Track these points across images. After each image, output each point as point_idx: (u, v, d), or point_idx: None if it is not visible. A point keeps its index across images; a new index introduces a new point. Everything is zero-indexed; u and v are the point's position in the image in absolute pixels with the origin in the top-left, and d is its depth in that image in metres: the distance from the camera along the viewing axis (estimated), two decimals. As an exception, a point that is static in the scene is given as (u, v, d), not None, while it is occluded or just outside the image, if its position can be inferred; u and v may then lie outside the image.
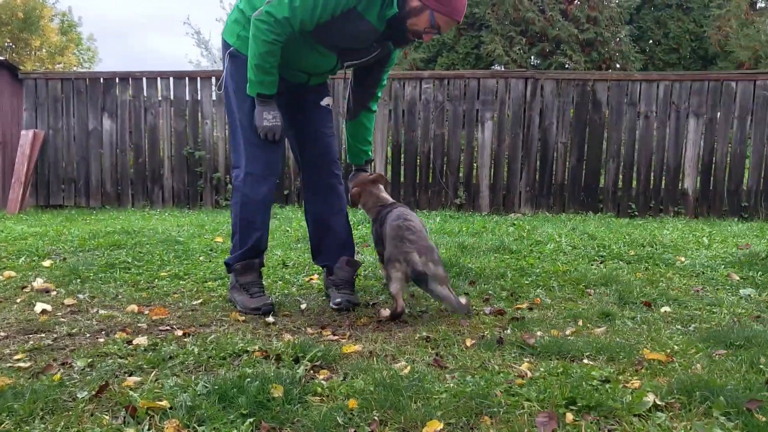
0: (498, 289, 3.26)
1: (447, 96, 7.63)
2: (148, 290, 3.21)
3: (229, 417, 1.63)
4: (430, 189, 7.70)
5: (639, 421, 1.66)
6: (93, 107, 8.11)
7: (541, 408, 1.72)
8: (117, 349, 2.23)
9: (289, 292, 3.23)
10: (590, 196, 7.49)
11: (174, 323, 2.64)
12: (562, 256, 4.16)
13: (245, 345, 2.27)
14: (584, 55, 11.90)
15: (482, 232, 5.14)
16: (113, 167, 8.14)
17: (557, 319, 2.76)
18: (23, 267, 3.72)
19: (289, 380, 1.87)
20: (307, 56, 2.90)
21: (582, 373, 1.99)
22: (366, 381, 1.90)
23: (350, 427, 1.61)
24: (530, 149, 7.55)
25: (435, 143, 7.66)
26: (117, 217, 6.68)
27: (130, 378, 1.94)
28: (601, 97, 7.44)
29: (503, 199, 7.62)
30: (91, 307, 2.88)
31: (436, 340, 2.42)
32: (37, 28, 25.42)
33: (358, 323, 2.70)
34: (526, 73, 7.68)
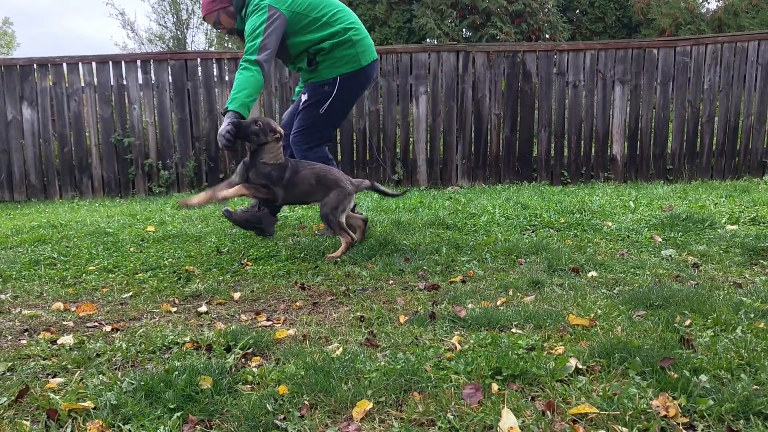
0: (432, 264, 3.30)
1: (380, 71, 7.60)
2: (75, 286, 3.11)
3: (156, 413, 1.61)
4: (368, 166, 7.70)
5: (561, 386, 1.72)
6: (11, 96, 7.73)
7: (469, 380, 1.76)
8: (40, 350, 2.16)
9: (224, 279, 3.18)
10: (524, 165, 7.64)
11: (102, 319, 2.57)
12: (495, 227, 4.24)
13: (176, 337, 2.24)
14: (514, 27, 12.03)
15: (419, 207, 5.18)
16: (37, 158, 7.80)
17: (489, 290, 2.81)
18: (-60, 269, 3.54)
19: (219, 370, 1.85)
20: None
21: (509, 343, 2.04)
22: (297, 365, 1.90)
23: (280, 413, 1.61)
24: (465, 122, 7.62)
25: (370, 120, 7.64)
26: (43, 210, 6.42)
27: (54, 380, 1.88)
28: (530, 68, 7.56)
29: (441, 172, 7.69)
30: (13, 308, 2.77)
31: (370, 319, 2.44)
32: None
33: (293, 307, 2.69)
34: (457, 46, 7.71)
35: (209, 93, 7.69)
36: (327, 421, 1.58)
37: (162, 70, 7.68)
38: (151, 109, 7.72)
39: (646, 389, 1.66)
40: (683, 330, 2.13)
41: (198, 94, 7.70)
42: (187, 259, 3.58)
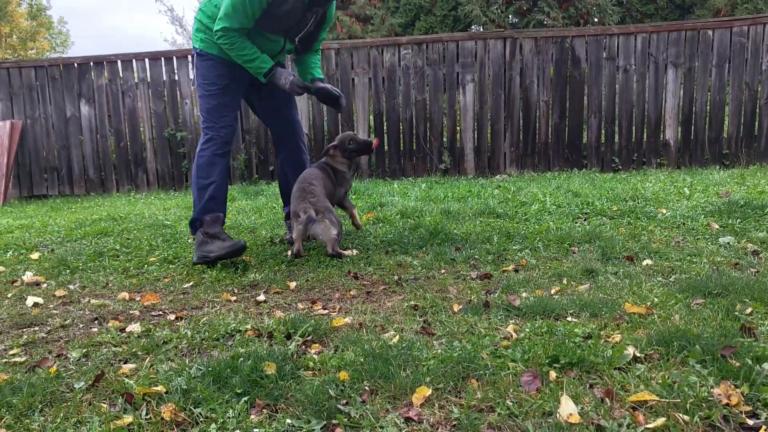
0: (484, 253, 3.31)
1: (426, 61, 7.60)
2: (138, 276, 3.24)
3: (224, 397, 1.68)
4: (414, 156, 7.71)
5: (619, 374, 1.72)
6: (69, 94, 8.01)
7: (526, 368, 1.78)
8: (111, 337, 2.26)
9: (279, 269, 3.26)
10: (574, 152, 7.54)
11: (166, 308, 2.67)
12: (546, 215, 4.22)
13: (237, 325, 2.31)
14: (562, 11, 11.81)
15: (468, 196, 5.18)
16: (95, 153, 8.08)
17: (542, 279, 2.81)
18: (11, 261, 3.73)
19: (282, 357, 1.91)
20: (259, 44, 3.48)
21: (565, 331, 2.05)
22: (356, 352, 1.94)
23: (342, 398, 1.66)
24: (512, 109, 7.55)
25: (417, 109, 7.65)
26: (102, 203, 6.66)
27: (126, 365, 1.97)
28: (579, 53, 7.43)
29: (488, 161, 7.65)
30: (82, 297, 2.90)
31: (423, 307, 2.47)
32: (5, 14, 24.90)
33: (347, 296, 2.75)
34: (504, 33, 7.64)
35: (258, 86, 7.80)
36: (387, 407, 1.63)
37: (212, 64, 7.83)
38: (203, 104, 7.89)
39: (706, 377, 1.65)
40: (744, 318, 2.10)
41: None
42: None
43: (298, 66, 3.87)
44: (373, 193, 5.68)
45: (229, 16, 3.32)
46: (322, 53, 7.68)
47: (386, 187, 6.27)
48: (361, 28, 12.90)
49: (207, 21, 3.52)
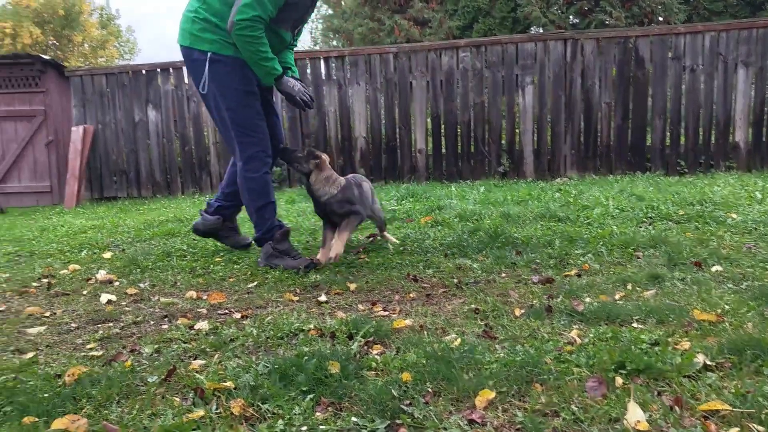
0: (545, 257, 3.28)
1: (485, 63, 7.56)
2: (204, 276, 3.34)
3: (290, 394, 1.72)
4: (472, 158, 7.67)
5: (689, 382, 1.68)
6: (137, 99, 8.32)
7: (591, 373, 1.76)
8: (180, 334, 2.35)
9: (339, 270, 3.30)
10: (638, 155, 7.35)
11: (232, 306, 2.75)
12: (610, 219, 4.13)
13: (301, 324, 2.36)
14: (625, 11, 11.54)
15: (528, 199, 5.13)
16: (161, 157, 8.36)
17: (606, 284, 2.76)
18: (86, 260, 3.90)
19: (345, 356, 1.94)
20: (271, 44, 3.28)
21: (631, 337, 2.01)
22: (418, 354, 1.96)
23: (405, 399, 1.67)
24: (573, 111, 7.43)
25: (475, 112, 7.61)
26: (168, 205, 6.89)
27: (195, 361, 2.04)
28: (643, 53, 7.26)
29: (548, 164, 7.54)
30: (152, 296, 3.02)
31: (485, 311, 2.46)
32: (78, 24, 26.03)
33: (407, 298, 2.76)
34: (565, 34, 7.53)
35: (318, 91, 7.92)
36: (450, 408, 1.63)
37: (273, 70, 8.00)
38: (264, 108, 8.06)
39: (783, 388, 1.59)
40: (823, 328, 2.01)
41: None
42: (305, 252, 3.74)
43: None
44: (430, 196, 5.69)
45: (261, 2, 3.08)
46: (380, 57, 7.75)
47: (443, 189, 6.26)
48: (418, 32, 12.92)
49: (216, 19, 3.23)
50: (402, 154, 7.85)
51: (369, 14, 14.45)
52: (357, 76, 7.85)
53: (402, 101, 7.78)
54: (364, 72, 7.84)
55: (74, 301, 2.99)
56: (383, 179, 7.85)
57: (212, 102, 3.37)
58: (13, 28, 23.87)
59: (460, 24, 12.86)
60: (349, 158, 7.92)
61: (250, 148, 3.38)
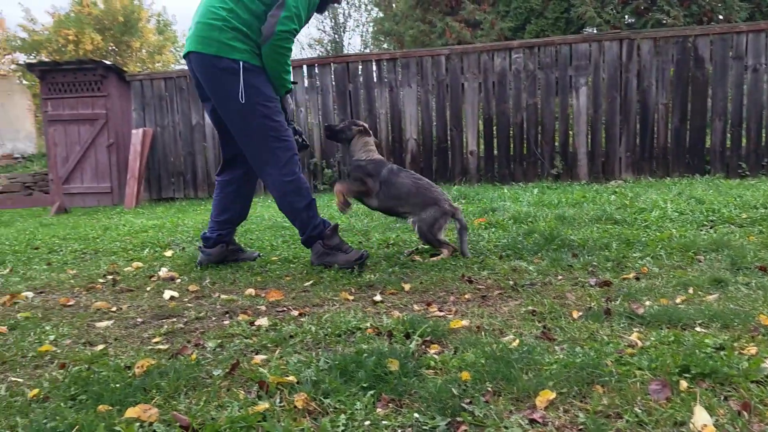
0: (602, 260, 3.23)
1: (538, 64, 7.49)
2: (262, 274, 3.42)
3: (351, 390, 1.75)
4: (524, 160, 7.61)
5: (757, 388, 1.64)
6: (194, 103, 8.55)
7: (654, 376, 1.73)
8: (241, 330, 2.41)
9: (393, 271, 3.33)
10: (696, 157, 7.17)
11: (289, 304, 2.81)
12: (668, 222, 4.04)
13: (358, 323, 2.39)
14: (683, 9, 11.23)
15: (582, 202, 5.06)
16: (216, 159, 8.56)
17: (666, 288, 2.71)
18: (148, 257, 4.04)
19: (404, 354, 1.96)
20: None
21: (695, 341, 1.97)
22: (476, 354, 1.96)
23: (465, 397, 1.68)
24: (629, 113, 7.29)
25: (528, 113, 7.55)
26: (224, 206, 7.04)
27: (257, 356, 2.10)
28: (703, 53, 7.07)
29: (602, 166, 7.42)
30: (213, 293, 3.10)
31: (542, 313, 2.45)
32: (137, 30, 26.85)
33: (462, 299, 2.77)
34: (620, 34, 7.40)
35: (369, 94, 7.99)
36: (511, 408, 1.63)
37: (325, 73, 8.11)
38: (316, 111, 8.19)
39: None
40: None
41: (358, 96, 8.03)
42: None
43: None
44: (483, 198, 5.67)
45: (299, 16, 3.17)
46: (432, 59, 7.76)
47: (496, 191, 6.23)
48: (470, 34, 12.87)
49: (245, 29, 3.24)
50: (453, 156, 7.84)
51: (420, 17, 14.46)
52: (408, 78, 7.88)
53: (453, 103, 7.77)
54: (415, 74, 7.86)
55: (139, 297, 3.10)
56: (433, 181, 7.84)
57: (245, 112, 3.30)
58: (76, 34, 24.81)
59: (512, 25, 12.75)
60: (400, 160, 7.96)
61: (284, 153, 3.37)
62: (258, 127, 3.32)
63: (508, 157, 7.67)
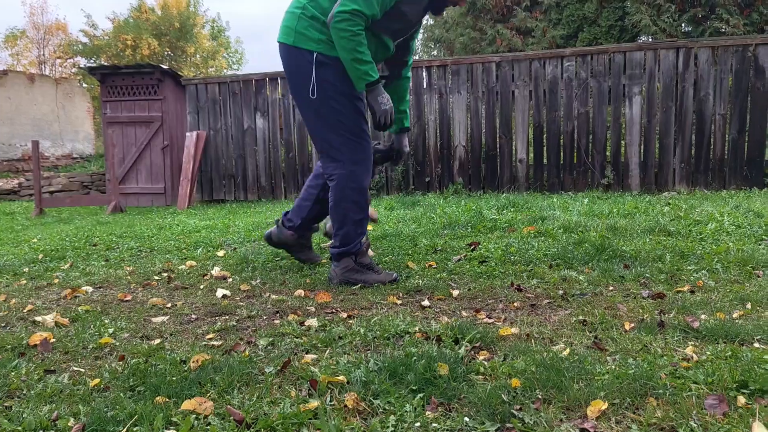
0: (655, 272, 3.17)
1: (591, 72, 7.39)
2: (311, 276, 3.47)
3: (400, 392, 1.76)
4: (575, 170, 7.51)
5: (821, 407, 1.59)
6: (247, 107, 8.72)
7: (710, 391, 1.70)
8: (292, 329, 2.45)
9: (440, 277, 3.33)
10: (754, 170, 6.95)
11: (338, 306, 2.84)
12: (725, 236, 3.93)
13: (406, 327, 2.41)
14: (743, 18, 10.92)
15: (634, 212, 4.96)
16: (267, 162, 8.72)
17: (722, 302, 2.64)
18: (201, 257, 4.14)
19: (453, 359, 1.97)
20: (374, 48, 3.10)
21: (753, 357, 1.91)
22: (526, 362, 1.95)
23: (515, 404, 1.68)
24: (684, 123, 7.13)
25: (579, 122, 7.45)
26: (272, 209, 7.17)
27: (308, 355, 2.14)
28: (764, 63, 6.87)
29: (655, 177, 7.27)
30: (263, 292, 3.16)
31: (593, 323, 2.42)
32: (192, 36, 27.55)
33: (511, 307, 2.76)
34: (677, 43, 7.24)
35: (418, 99, 8.01)
36: (561, 416, 1.62)
37: (376, 79, 8.16)
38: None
39: None
40: None
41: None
42: (406, 257, 3.80)
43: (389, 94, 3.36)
44: (531, 206, 5.61)
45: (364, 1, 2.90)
46: (482, 66, 7.72)
47: (545, 200, 6.16)
48: (521, 41, 12.79)
49: (324, 17, 3.03)
50: (502, 164, 7.79)
51: (471, 24, 14.44)
52: (458, 85, 7.87)
53: (503, 110, 7.73)
54: (465, 81, 7.85)
55: (192, 295, 3.18)
56: (482, 188, 7.81)
57: (316, 107, 3.13)
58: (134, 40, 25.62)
59: (564, 33, 12.62)
60: (448, 166, 7.95)
61: (357, 154, 3.18)
62: (328, 126, 3.14)
63: (557, 166, 7.58)
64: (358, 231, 3.27)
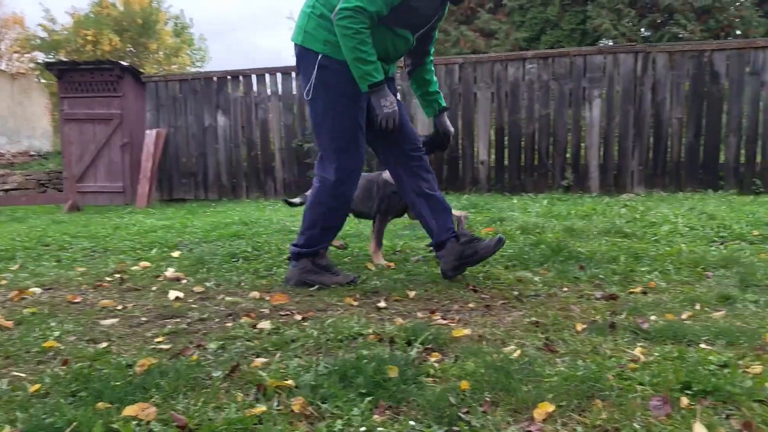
0: (610, 273, 3.21)
1: (552, 75, 7.48)
2: (267, 278, 3.42)
3: (349, 395, 1.74)
4: (535, 171, 7.59)
5: (760, 407, 1.62)
6: (208, 105, 8.61)
7: (655, 392, 1.71)
8: (244, 332, 2.41)
9: (398, 278, 3.32)
10: (709, 173, 7.12)
11: (293, 308, 2.81)
12: (678, 237, 4.01)
13: (360, 328, 2.39)
14: (700, 24, 11.18)
15: (592, 214, 5.03)
16: (228, 161, 8.62)
17: (673, 303, 2.68)
18: (156, 257, 4.06)
19: (404, 362, 1.95)
20: (388, 42, 3.00)
21: (698, 358, 1.94)
22: (477, 364, 1.95)
23: (463, 406, 1.67)
24: (642, 126, 7.26)
25: (540, 124, 7.53)
26: (234, 208, 7.08)
27: (258, 359, 2.10)
28: (719, 68, 7.03)
29: (614, 179, 7.39)
30: (217, 294, 3.11)
31: (545, 325, 2.43)
32: (154, 32, 27.08)
33: (466, 308, 2.76)
34: (635, 47, 7.37)
35: (382, 100, 8.00)
36: (509, 419, 1.62)
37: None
38: (329, 116, 8.21)
39: None
40: None
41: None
42: (365, 258, 3.78)
43: (415, 85, 3.43)
44: (492, 208, 5.65)
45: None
46: (445, 68, 7.75)
47: (505, 202, 6.21)
48: (484, 43, 12.87)
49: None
50: (464, 165, 7.83)
51: (435, 25, 14.45)
52: (422, 87, 7.87)
53: (465, 112, 7.77)
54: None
55: (144, 297, 3.11)
56: (444, 190, 7.83)
57: (316, 108, 3.08)
58: (95, 35, 25.07)
59: (527, 36, 12.74)
60: (411, 168, 7.95)
61: (346, 162, 3.09)
62: (325, 129, 3.07)
63: (518, 168, 7.65)
64: (324, 238, 3.23)
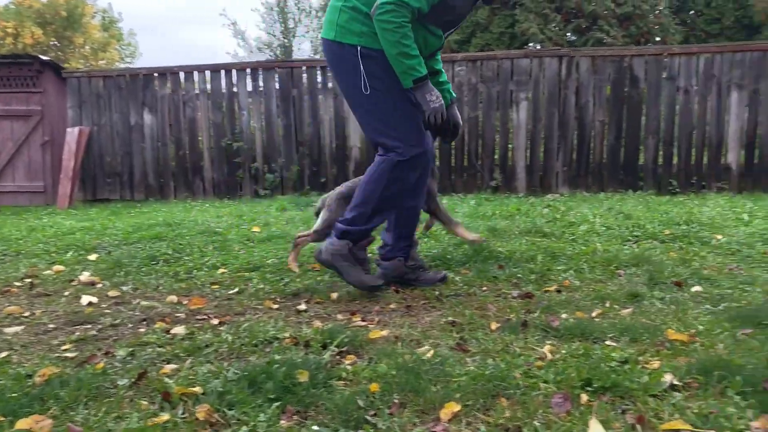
0: (527, 272, 3.29)
1: (480, 78, 7.60)
2: (187, 281, 3.34)
3: (257, 401, 1.72)
4: (465, 172, 7.70)
5: (654, 401, 1.69)
6: (134, 102, 8.34)
7: (558, 389, 1.76)
8: (156, 338, 2.35)
9: (322, 280, 3.31)
10: (630, 174, 7.39)
11: (210, 312, 2.75)
12: (595, 237, 4.15)
13: (276, 332, 2.36)
14: (622, 30, 11.63)
15: (516, 214, 5.15)
16: (155, 160, 8.37)
17: (585, 301, 2.77)
18: (71, 261, 3.91)
19: (315, 366, 1.95)
20: (420, 39, 2.89)
21: (602, 355, 2.01)
22: (389, 365, 1.96)
23: (371, 409, 1.68)
24: (567, 129, 7.47)
25: (469, 126, 7.64)
26: (160, 209, 6.89)
27: (168, 366, 2.05)
28: (638, 73, 7.31)
29: (540, 180, 7.57)
30: (133, 299, 3.02)
31: (461, 324, 2.47)
32: (80, 25, 26.11)
33: (387, 309, 2.77)
34: (560, 52, 7.58)
35: (314, 100, 7.96)
36: (415, 420, 1.64)
37: (270, 78, 8.05)
38: (259, 115, 8.10)
39: (745, 410, 1.60)
40: (794, 351, 2.02)
41: (303, 101, 7.99)
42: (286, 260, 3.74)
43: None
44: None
45: None
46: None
47: (435, 202, 6.27)
48: (418, 44, 12.98)
49: (366, 8, 2.81)
50: (395, 166, 7.85)
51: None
52: (353, 87, 7.87)
53: (397, 113, 7.79)
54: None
55: (55, 302, 2.99)
56: (376, 190, 7.86)
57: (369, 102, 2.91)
58: (15, 27, 23.96)
59: (458, 38, 12.94)
60: (343, 168, 7.94)
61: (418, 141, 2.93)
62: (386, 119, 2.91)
63: (449, 169, 7.75)
64: (374, 221, 3.00)
